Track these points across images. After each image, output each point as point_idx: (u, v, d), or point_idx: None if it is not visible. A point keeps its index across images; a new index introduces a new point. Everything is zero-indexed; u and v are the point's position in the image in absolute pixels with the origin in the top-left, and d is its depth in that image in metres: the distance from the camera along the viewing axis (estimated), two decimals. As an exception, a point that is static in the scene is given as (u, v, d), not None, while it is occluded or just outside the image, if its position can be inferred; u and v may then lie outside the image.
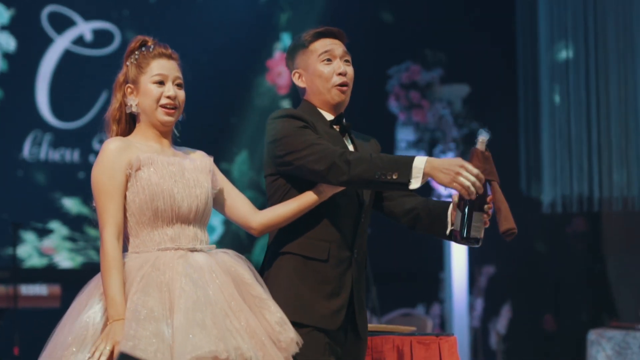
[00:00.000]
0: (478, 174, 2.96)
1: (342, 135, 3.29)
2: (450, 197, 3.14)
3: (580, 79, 9.03)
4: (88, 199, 3.08)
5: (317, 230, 3.18)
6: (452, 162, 2.97)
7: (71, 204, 8.35)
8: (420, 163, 2.97)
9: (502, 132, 8.54)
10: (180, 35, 7.94)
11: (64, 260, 8.41)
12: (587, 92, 8.98)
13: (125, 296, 2.87)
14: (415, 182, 2.97)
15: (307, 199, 3.16)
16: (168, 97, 3.10)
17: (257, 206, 3.27)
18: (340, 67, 3.28)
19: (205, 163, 3.16)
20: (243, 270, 3.04)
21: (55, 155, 8.45)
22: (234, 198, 3.24)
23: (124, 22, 8.69)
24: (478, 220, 3.02)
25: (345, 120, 3.32)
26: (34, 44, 8.46)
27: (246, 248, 8.53)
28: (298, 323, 3.07)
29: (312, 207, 3.16)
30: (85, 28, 8.63)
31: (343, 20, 7.86)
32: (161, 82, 3.10)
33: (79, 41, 8.61)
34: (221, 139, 8.87)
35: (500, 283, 8.94)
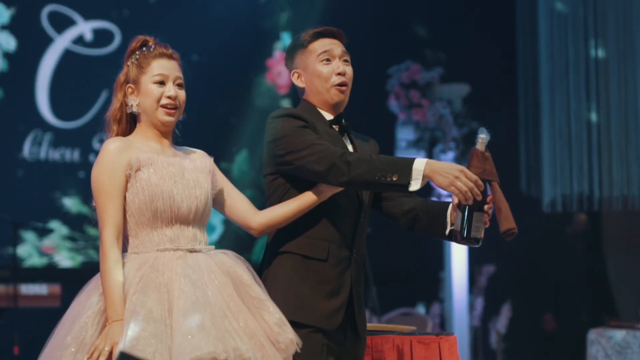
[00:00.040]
0: (477, 180, 2.96)
1: (341, 135, 3.29)
2: (450, 196, 3.14)
3: (580, 78, 9.03)
4: (88, 199, 3.08)
5: (317, 229, 3.18)
6: (452, 167, 2.97)
7: (71, 203, 8.35)
8: (420, 165, 2.97)
9: (502, 131, 8.54)
10: (180, 34, 7.94)
11: (64, 260, 8.41)
12: (587, 91, 8.98)
13: (124, 297, 2.87)
14: (415, 184, 2.97)
15: (306, 199, 3.16)
16: (169, 97, 3.10)
17: (257, 205, 3.27)
18: (339, 67, 3.27)
19: (205, 163, 3.16)
20: (242, 271, 3.04)
21: (55, 155, 8.45)
22: (234, 198, 3.24)
23: (124, 22, 8.70)
24: (478, 220, 3.02)
25: (344, 120, 3.32)
26: (34, 44, 8.47)
27: (246, 247, 8.53)
28: (297, 322, 3.07)
29: (312, 208, 3.16)
30: (85, 28, 8.63)
31: (343, 20, 7.86)
32: (162, 82, 3.10)
33: (79, 41, 8.61)
34: (221, 138, 8.87)
35: (500, 282, 8.94)
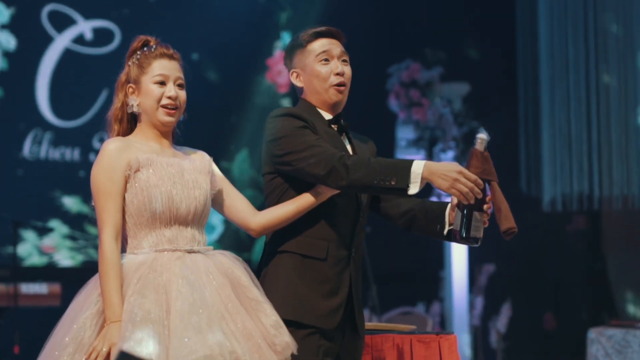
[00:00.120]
0: (476, 180, 2.96)
1: (339, 134, 3.29)
2: (449, 196, 3.14)
3: (580, 77, 9.03)
4: (88, 198, 3.08)
5: (316, 229, 3.18)
6: (451, 168, 2.97)
7: (71, 202, 8.35)
8: (418, 168, 2.97)
9: (502, 130, 8.56)
10: (180, 34, 7.94)
11: (64, 259, 8.41)
12: (587, 90, 8.99)
13: (122, 298, 2.87)
14: (413, 187, 2.97)
15: (305, 201, 3.16)
16: (169, 97, 3.10)
17: (257, 205, 3.27)
18: (338, 67, 3.27)
19: (204, 164, 3.16)
20: (240, 272, 3.04)
21: (55, 154, 8.45)
22: (234, 199, 3.24)
23: (124, 21, 8.69)
24: (478, 220, 3.02)
25: (343, 120, 3.32)
26: (34, 43, 8.46)
27: (246, 247, 8.53)
28: (296, 322, 3.08)
29: (311, 209, 3.16)
30: (85, 27, 8.63)
31: (343, 19, 7.86)
32: (162, 82, 3.10)
33: (79, 40, 8.61)
34: (221, 137, 8.87)
35: (501, 281, 8.94)
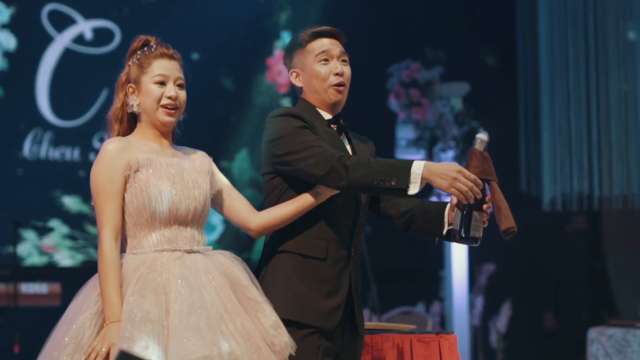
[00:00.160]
0: (475, 179, 2.96)
1: (339, 134, 3.29)
2: (449, 196, 3.14)
3: (580, 77, 9.03)
4: (88, 197, 3.08)
5: (315, 229, 3.18)
6: (450, 168, 2.97)
7: (71, 202, 8.35)
8: (418, 168, 2.97)
9: (502, 130, 8.56)
10: (180, 33, 7.94)
11: (64, 259, 8.40)
12: (587, 90, 8.98)
13: (121, 298, 2.88)
14: (413, 188, 2.97)
15: (305, 201, 3.16)
16: (169, 97, 3.10)
17: (257, 204, 3.27)
18: (337, 68, 3.27)
19: (204, 164, 3.16)
20: (239, 272, 3.04)
21: (55, 154, 8.45)
22: (233, 199, 3.24)
23: (124, 21, 8.69)
24: (477, 219, 3.03)
25: (342, 120, 3.32)
26: (34, 43, 8.46)
27: (246, 247, 8.53)
28: (296, 322, 3.08)
29: (310, 209, 3.16)
30: (85, 26, 8.63)
31: (343, 18, 7.86)
32: (162, 82, 3.10)
33: (79, 39, 8.61)
34: (221, 137, 8.87)
35: (501, 281, 8.94)
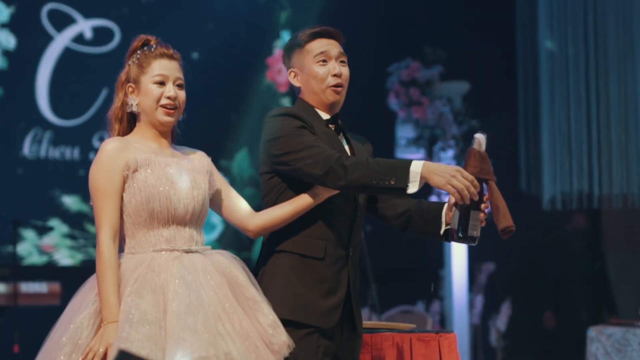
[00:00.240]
0: (473, 180, 2.97)
1: (337, 134, 3.29)
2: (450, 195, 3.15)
3: (580, 77, 9.03)
4: (88, 197, 3.08)
5: (314, 228, 3.18)
6: (449, 167, 2.98)
7: (71, 201, 8.35)
8: (416, 167, 2.98)
9: (502, 129, 8.55)
10: (180, 33, 7.94)
11: (64, 258, 8.41)
12: (587, 90, 8.98)
13: (119, 298, 2.88)
14: (412, 187, 2.97)
15: (303, 202, 3.16)
16: (168, 97, 3.10)
17: (257, 203, 3.27)
18: (336, 69, 3.27)
19: (203, 163, 3.16)
20: (238, 271, 3.04)
21: (55, 153, 8.45)
22: (232, 199, 3.24)
23: (123, 20, 8.69)
24: (475, 219, 3.03)
25: (340, 120, 3.32)
26: (34, 42, 8.46)
27: (246, 246, 8.53)
28: (295, 322, 3.08)
29: (308, 209, 3.16)
30: (85, 26, 8.63)
31: (343, 18, 7.86)
32: (162, 82, 3.10)
33: (79, 39, 8.61)
34: (221, 136, 8.87)
35: (500, 280, 8.94)
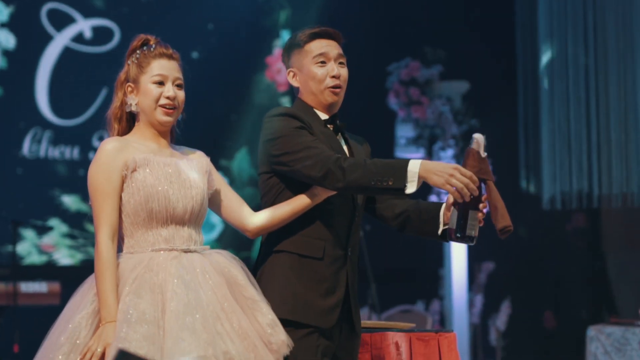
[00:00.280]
0: (471, 176, 2.96)
1: (335, 134, 3.29)
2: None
3: (580, 76, 9.03)
4: (87, 196, 3.08)
5: (312, 228, 3.18)
6: (447, 165, 2.98)
7: (70, 201, 8.35)
8: (414, 167, 2.98)
9: (501, 128, 8.56)
10: (179, 32, 7.94)
11: (64, 258, 8.41)
12: (586, 90, 8.98)
13: (118, 297, 2.88)
14: (410, 187, 2.97)
15: (301, 202, 3.16)
16: (167, 97, 3.09)
17: (256, 203, 3.27)
18: (334, 70, 3.26)
19: (202, 163, 3.16)
20: (236, 271, 3.04)
21: (54, 153, 8.45)
22: (230, 199, 3.24)
23: (123, 20, 8.70)
24: (473, 218, 3.03)
25: (339, 121, 3.31)
26: (34, 41, 8.47)
27: (246, 246, 8.53)
28: (294, 322, 3.08)
29: (307, 210, 3.16)
30: (84, 25, 8.63)
31: (342, 17, 7.86)
32: (161, 82, 3.10)
33: (79, 38, 8.61)
34: (221, 135, 8.87)
35: (500, 280, 8.94)
